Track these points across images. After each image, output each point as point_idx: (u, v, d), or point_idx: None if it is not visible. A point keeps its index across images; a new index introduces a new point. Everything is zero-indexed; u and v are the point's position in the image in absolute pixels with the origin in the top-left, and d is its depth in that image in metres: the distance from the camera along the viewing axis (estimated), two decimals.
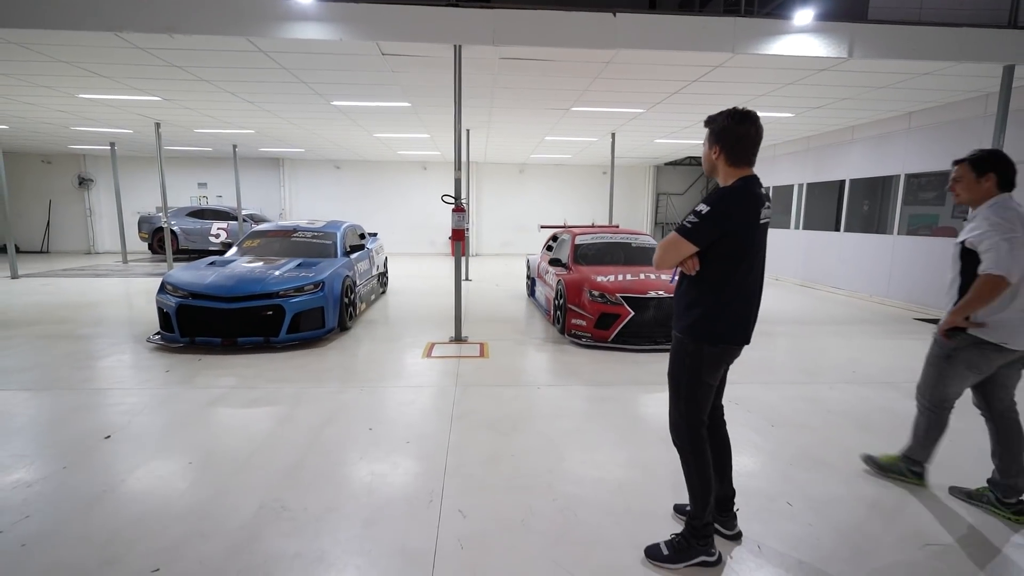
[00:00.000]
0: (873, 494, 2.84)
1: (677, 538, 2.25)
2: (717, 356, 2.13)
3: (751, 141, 2.07)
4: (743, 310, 2.12)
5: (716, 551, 2.23)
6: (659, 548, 2.26)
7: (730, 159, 2.09)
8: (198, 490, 2.76)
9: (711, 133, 2.13)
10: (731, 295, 2.09)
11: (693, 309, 2.13)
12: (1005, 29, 5.83)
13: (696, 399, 2.17)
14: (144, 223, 14.35)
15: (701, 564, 2.20)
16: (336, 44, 5.53)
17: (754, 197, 2.05)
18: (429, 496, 2.73)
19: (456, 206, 5.78)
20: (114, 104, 8.63)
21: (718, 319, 2.09)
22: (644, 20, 5.50)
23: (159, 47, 5.72)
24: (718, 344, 2.11)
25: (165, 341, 5.53)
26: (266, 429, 3.56)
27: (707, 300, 2.10)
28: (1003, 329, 2.49)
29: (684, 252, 2.08)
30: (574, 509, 2.64)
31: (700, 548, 2.20)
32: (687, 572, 2.19)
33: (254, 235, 7.34)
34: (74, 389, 4.30)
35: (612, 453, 3.29)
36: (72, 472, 2.94)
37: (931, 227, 8.73)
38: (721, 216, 2.02)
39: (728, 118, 2.08)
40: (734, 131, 2.06)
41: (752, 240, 2.06)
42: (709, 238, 2.04)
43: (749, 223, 2.04)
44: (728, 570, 2.21)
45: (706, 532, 2.21)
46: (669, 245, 2.10)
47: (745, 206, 2.04)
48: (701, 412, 2.19)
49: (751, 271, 2.10)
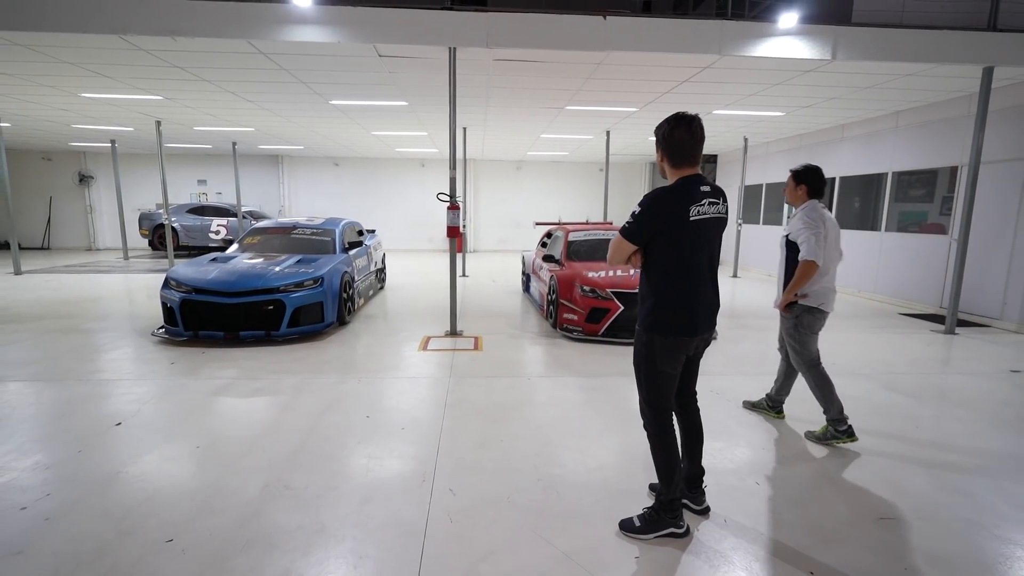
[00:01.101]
0: (837, 475, 3.03)
1: (648, 511, 2.44)
2: (669, 347, 2.26)
3: (687, 143, 2.21)
4: (686, 303, 2.24)
5: (684, 524, 2.42)
6: (632, 521, 2.45)
7: (671, 161, 2.26)
8: (206, 471, 2.96)
9: (656, 140, 2.31)
10: (673, 289, 2.24)
11: (646, 302, 2.32)
12: (984, 32, 6.01)
13: (656, 386, 2.33)
14: (145, 220, 14.51)
15: (670, 535, 2.39)
16: (334, 46, 5.69)
17: (683, 196, 2.18)
18: (422, 477, 2.92)
19: (451, 204, 5.95)
20: (116, 103, 8.79)
21: (664, 311, 2.25)
22: (633, 23, 5.67)
23: (161, 49, 5.88)
24: (667, 335, 2.25)
25: (169, 335, 5.72)
26: (269, 417, 3.75)
27: (654, 294, 2.27)
28: (820, 296, 3.37)
29: (626, 250, 2.29)
30: (556, 488, 2.83)
31: (669, 521, 2.39)
32: (657, 542, 2.38)
33: (255, 232, 7.51)
34: (83, 380, 4.49)
35: (596, 438, 3.49)
36: (87, 455, 3.13)
37: (920, 224, 8.92)
38: (650, 216, 2.20)
39: (666, 123, 2.25)
40: (670, 135, 2.23)
41: (685, 236, 2.19)
42: (644, 236, 2.23)
43: (678, 220, 2.17)
44: (695, 542, 2.40)
45: (673, 507, 2.39)
46: (614, 244, 2.33)
47: (672, 205, 2.18)
48: (663, 398, 2.35)
49: (689, 265, 2.23)
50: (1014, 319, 6.90)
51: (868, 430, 3.65)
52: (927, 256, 8.29)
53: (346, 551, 2.28)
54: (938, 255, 8.08)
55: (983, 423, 3.87)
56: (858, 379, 4.83)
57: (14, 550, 2.26)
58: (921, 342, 6.25)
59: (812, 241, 3.18)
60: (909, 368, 5.24)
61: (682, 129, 2.21)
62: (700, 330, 2.30)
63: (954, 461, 3.24)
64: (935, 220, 8.61)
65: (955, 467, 3.16)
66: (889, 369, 5.17)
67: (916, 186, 8.97)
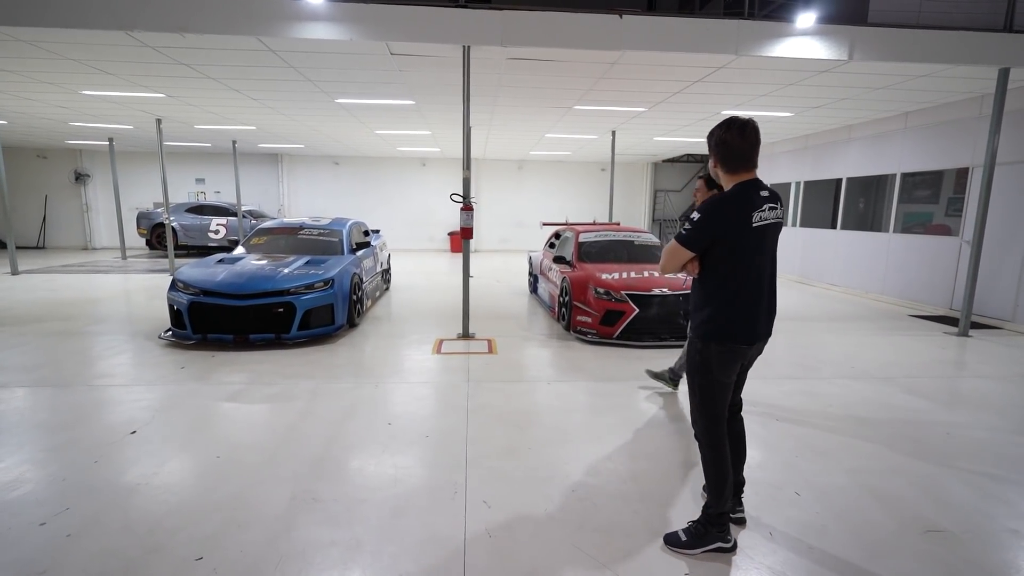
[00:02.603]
0: (876, 483, 2.98)
1: (694, 525, 2.37)
2: (725, 354, 2.21)
3: (742, 148, 2.16)
4: (745, 310, 2.20)
5: (732, 538, 2.36)
6: (677, 536, 2.38)
7: (726, 167, 2.21)
8: (229, 482, 2.86)
9: (709, 146, 2.26)
10: (731, 296, 2.18)
11: (701, 310, 2.26)
12: (1001, 33, 5.98)
13: (710, 396, 2.27)
14: (143, 219, 14.31)
15: (717, 550, 2.33)
16: (346, 44, 5.58)
17: (745, 202, 2.14)
18: (453, 488, 2.84)
19: (464, 204, 5.86)
20: (117, 100, 8.63)
21: (722, 319, 2.20)
22: (649, 22, 5.59)
23: (168, 46, 5.75)
24: (724, 343, 2.20)
25: (177, 338, 5.60)
26: (287, 423, 3.65)
27: (712, 302, 2.22)
28: None
29: (683, 258, 2.23)
30: (592, 499, 2.76)
31: (717, 535, 2.32)
32: (705, 557, 2.31)
33: (260, 232, 7.39)
34: (91, 386, 4.37)
35: (625, 446, 3.42)
36: (104, 466, 3.02)
37: (925, 225, 8.91)
38: (711, 223, 2.15)
39: (718, 129, 2.20)
40: (723, 141, 2.18)
41: (746, 243, 2.14)
42: (702, 243, 2.18)
43: (739, 227, 2.12)
44: (746, 558, 2.33)
45: (721, 520, 2.33)
46: (670, 252, 2.26)
47: (732, 211, 2.14)
48: (717, 408, 2.29)
49: (749, 272, 2.18)
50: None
51: (903, 435, 3.60)
52: (936, 258, 8.27)
53: (385, 569, 2.20)
54: (947, 257, 8.06)
55: (1010, 430, 3.83)
56: (878, 383, 4.78)
57: (38, 569, 2.16)
58: (936, 345, 6.22)
59: None
60: (926, 371, 5.20)
61: (734, 133, 2.16)
62: (759, 337, 2.26)
63: (989, 470, 3.18)
64: (941, 221, 8.60)
65: (992, 476, 3.11)
66: (906, 372, 5.12)
67: (922, 187, 8.97)
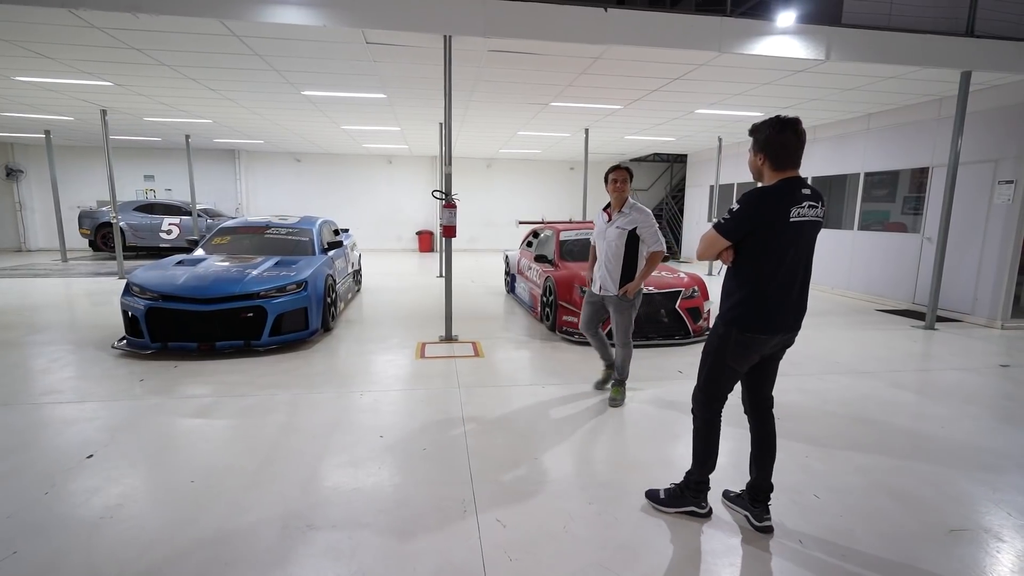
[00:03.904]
0: (889, 482, 2.95)
1: (674, 487, 2.63)
2: (744, 343, 2.27)
3: (793, 146, 2.20)
4: (772, 301, 2.23)
5: (707, 505, 2.55)
6: (657, 492, 2.65)
7: (774, 165, 2.23)
8: (209, 512, 2.54)
9: (756, 142, 2.27)
10: (761, 287, 2.22)
11: (730, 297, 2.32)
12: (963, 37, 6.21)
13: (716, 378, 2.39)
14: (85, 218, 13.29)
15: (691, 513, 2.55)
16: (318, 31, 5.24)
17: (786, 197, 2.17)
18: (462, 505, 2.62)
19: (447, 202, 5.62)
20: (57, 88, 7.90)
21: (747, 308, 2.25)
22: (635, 16, 5.50)
23: (119, 27, 5.24)
24: (745, 332, 2.25)
25: (132, 347, 5.12)
26: (268, 440, 3.33)
27: (741, 290, 2.27)
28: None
29: (719, 246, 2.29)
30: (611, 512, 2.60)
31: (692, 499, 2.54)
32: (678, 518, 2.55)
33: (223, 232, 6.90)
34: (36, 404, 3.90)
35: (634, 451, 3.28)
36: (57, 498, 2.64)
37: (883, 222, 9.26)
38: (749, 214, 2.19)
39: (771, 128, 2.21)
40: (777, 140, 2.20)
41: (782, 237, 2.17)
42: (740, 233, 2.23)
43: (777, 220, 2.16)
44: (784, 571, 2.22)
45: (699, 488, 2.53)
46: (707, 239, 2.32)
47: (772, 205, 2.17)
48: (719, 391, 2.41)
49: (781, 265, 2.20)
50: (984, 314, 7.21)
51: (902, 430, 3.62)
52: (898, 254, 8.58)
53: None
54: (909, 253, 8.38)
55: (995, 419, 3.93)
56: (864, 377, 4.85)
57: None
58: (907, 338, 6.41)
59: (660, 233, 3.87)
60: (905, 365, 5.33)
61: (789, 133, 2.18)
62: (781, 330, 2.28)
63: (989, 461, 3.22)
64: (899, 219, 8.95)
65: (993, 467, 3.14)
66: (887, 367, 5.23)
67: (879, 186, 9.31)
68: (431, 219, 17.15)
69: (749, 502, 2.51)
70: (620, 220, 3.87)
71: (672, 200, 17.68)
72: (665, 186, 18.12)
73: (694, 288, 6.07)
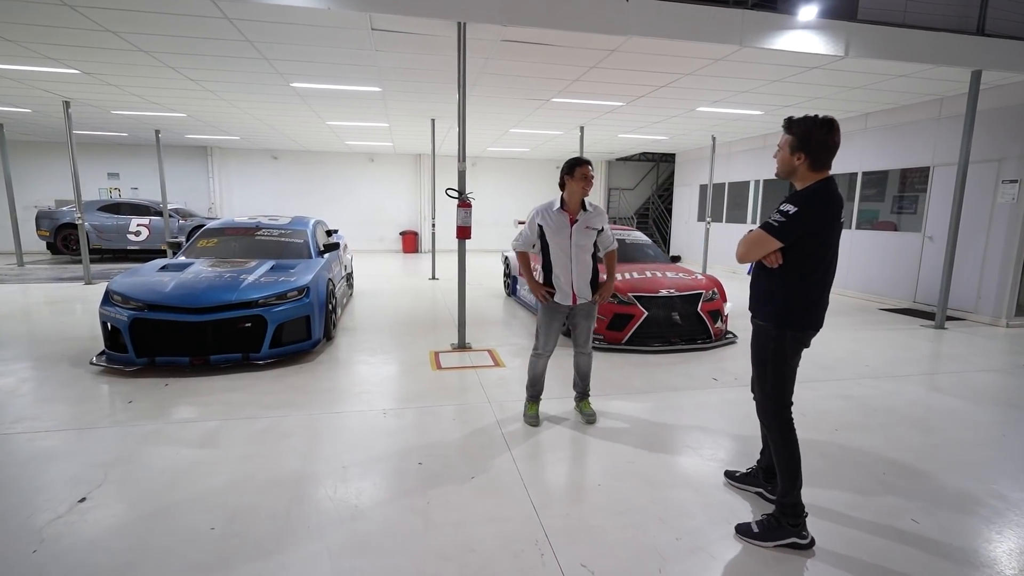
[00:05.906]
0: (987, 510, 2.75)
1: (767, 517, 2.38)
2: (798, 340, 2.31)
3: (835, 148, 2.20)
4: (820, 299, 2.29)
5: (808, 534, 2.30)
6: (749, 526, 2.39)
7: (816, 164, 2.21)
8: (240, 567, 2.14)
9: (796, 139, 2.21)
10: (810, 286, 2.25)
11: (775, 299, 2.30)
12: (974, 36, 6.19)
13: (782, 380, 2.34)
14: (44, 219, 12.33)
15: (792, 546, 2.28)
16: (321, 14, 4.81)
17: (837, 198, 2.21)
18: (537, 548, 2.29)
19: (461, 201, 5.26)
20: (14, 76, 7.18)
21: (799, 307, 2.27)
22: (656, 6, 5.26)
23: (92, 5, 4.70)
24: (800, 329, 2.29)
25: (114, 363, 4.58)
26: (291, 472, 2.93)
27: (790, 291, 2.27)
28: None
29: (769, 248, 2.25)
30: (705, 548, 2.31)
31: (791, 528, 2.29)
32: (776, 552, 2.26)
33: (209, 234, 6.36)
34: (9, 434, 3.37)
35: (700, 470, 3.01)
36: (50, 557, 2.19)
37: (873, 221, 9.33)
38: (806, 216, 2.17)
39: (816, 127, 2.18)
40: (824, 141, 2.18)
41: (831, 238, 2.22)
42: (794, 235, 2.20)
43: (831, 222, 2.19)
44: None
45: (796, 511, 2.30)
46: (755, 241, 2.27)
47: (828, 207, 2.19)
48: (787, 393, 2.35)
49: (830, 265, 2.27)
50: (988, 312, 7.26)
51: (964, 442, 3.45)
52: (898, 253, 8.62)
53: None
54: (910, 252, 8.42)
55: None
56: (900, 381, 4.72)
57: None
58: (922, 338, 6.37)
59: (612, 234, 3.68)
60: (934, 367, 5.25)
61: (836, 134, 2.18)
62: (821, 326, 2.33)
63: None
64: (894, 219, 9.01)
65: None
66: (919, 369, 5.13)
67: (868, 186, 9.37)
68: (415, 219, 16.67)
69: (764, 479, 2.69)
70: (589, 219, 3.45)
71: (659, 199, 17.64)
72: (652, 185, 18.07)
73: (713, 290, 5.88)
